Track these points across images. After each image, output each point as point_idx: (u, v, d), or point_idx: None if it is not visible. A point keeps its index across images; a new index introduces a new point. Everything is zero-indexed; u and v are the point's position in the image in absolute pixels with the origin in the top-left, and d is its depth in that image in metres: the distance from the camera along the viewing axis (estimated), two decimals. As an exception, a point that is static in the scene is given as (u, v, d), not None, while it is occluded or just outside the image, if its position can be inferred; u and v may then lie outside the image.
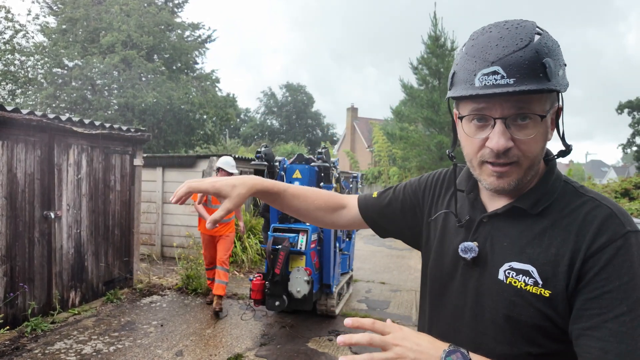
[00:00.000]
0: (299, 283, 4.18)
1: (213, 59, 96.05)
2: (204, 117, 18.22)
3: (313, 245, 4.46)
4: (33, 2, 17.36)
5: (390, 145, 17.42)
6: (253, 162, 6.62)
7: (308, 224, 4.49)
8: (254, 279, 4.36)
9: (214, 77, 19.44)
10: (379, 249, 9.92)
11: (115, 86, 16.53)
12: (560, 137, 0.84)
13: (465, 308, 0.87)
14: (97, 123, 4.99)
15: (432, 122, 12.55)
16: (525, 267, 0.79)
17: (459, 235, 0.91)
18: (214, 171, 6.84)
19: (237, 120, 36.52)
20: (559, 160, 0.88)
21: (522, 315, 0.78)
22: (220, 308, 4.75)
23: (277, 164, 4.94)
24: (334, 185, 5.20)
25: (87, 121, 4.86)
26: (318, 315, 4.84)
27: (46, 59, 15.76)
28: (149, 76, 16.84)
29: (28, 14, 22.79)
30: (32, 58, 15.75)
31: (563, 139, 0.84)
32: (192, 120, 17.46)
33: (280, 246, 4.24)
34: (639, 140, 24.54)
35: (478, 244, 0.86)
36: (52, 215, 4.48)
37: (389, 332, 0.72)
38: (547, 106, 0.78)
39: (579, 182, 0.87)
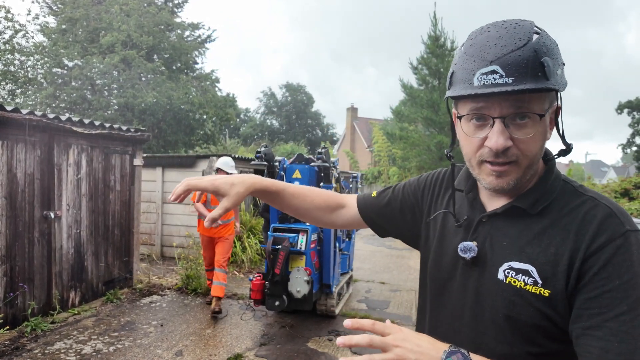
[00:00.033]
0: (299, 283, 4.18)
1: (213, 59, 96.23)
2: (204, 117, 18.23)
3: (313, 245, 4.46)
4: (33, 2, 17.40)
5: (390, 145, 17.42)
6: (253, 162, 6.62)
7: (308, 223, 4.54)
8: (254, 279, 4.36)
9: (213, 77, 19.45)
10: (379, 248, 9.92)
11: (115, 86, 16.54)
12: (560, 136, 0.84)
13: (465, 308, 0.87)
14: (97, 123, 4.99)
15: (432, 122, 12.55)
16: (524, 267, 0.79)
17: (459, 235, 0.91)
18: (213, 171, 6.84)
19: (237, 120, 36.50)
20: (558, 160, 0.88)
21: (522, 314, 0.78)
22: (219, 308, 4.73)
23: (277, 164, 4.94)
24: (334, 185, 5.19)
25: (87, 121, 4.86)
26: (318, 315, 4.84)
27: (46, 59, 15.77)
28: (149, 76, 16.84)
29: (28, 14, 22.88)
30: (32, 58, 15.75)
31: (563, 138, 0.84)
32: (191, 120, 17.47)
33: (280, 246, 4.24)
34: (638, 140, 24.55)
35: (477, 243, 0.86)
36: (52, 215, 4.48)
37: (389, 333, 0.71)
38: (545, 105, 0.78)
39: (579, 182, 0.87)
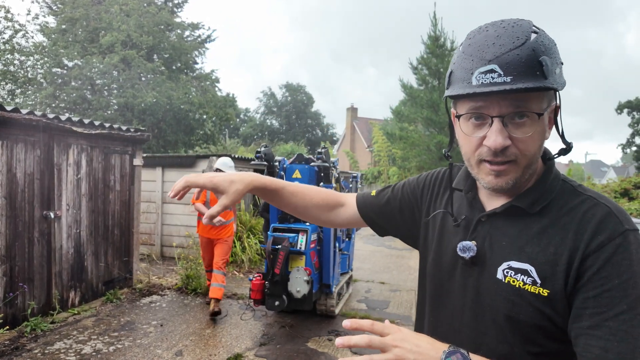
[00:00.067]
0: (299, 283, 4.18)
1: (213, 59, 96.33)
2: (204, 117, 18.22)
3: (313, 245, 4.46)
4: (33, 2, 17.41)
5: (390, 145, 17.42)
6: (253, 162, 6.63)
7: (308, 223, 4.55)
8: (254, 279, 4.36)
9: (213, 77, 19.45)
10: (379, 248, 9.91)
11: (114, 86, 16.54)
12: (559, 136, 0.84)
13: (465, 308, 0.87)
14: (96, 123, 4.99)
15: (432, 122, 12.56)
16: (523, 267, 0.79)
17: (458, 234, 0.91)
18: (213, 172, 6.83)
19: (237, 120, 36.52)
20: (558, 160, 0.88)
21: (521, 314, 0.77)
22: (218, 309, 4.67)
23: (276, 163, 4.94)
24: (334, 185, 5.20)
25: (86, 121, 4.86)
26: (318, 315, 4.84)
27: (46, 59, 15.77)
28: (149, 76, 16.84)
29: (28, 14, 22.85)
30: (31, 58, 15.75)
31: (563, 137, 0.84)
32: (191, 120, 17.47)
33: (280, 246, 4.24)
34: (638, 140, 24.57)
35: (476, 243, 0.86)
36: (52, 215, 4.48)
37: (388, 333, 0.71)
38: (544, 104, 0.78)
39: (578, 182, 0.86)
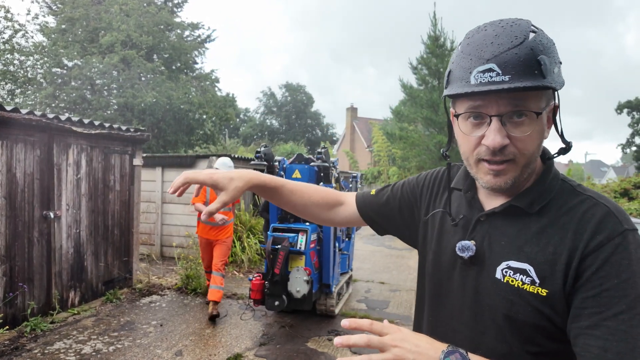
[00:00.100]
0: (299, 283, 4.18)
1: (212, 59, 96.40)
2: (204, 117, 18.23)
3: (312, 245, 4.46)
4: (32, 1, 17.40)
5: (390, 145, 17.42)
6: (252, 162, 6.62)
7: (307, 223, 4.55)
8: (254, 279, 4.36)
9: (213, 77, 19.46)
10: (379, 248, 9.91)
11: (114, 86, 16.54)
12: (559, 135, 0.84)
13: (464, 308, 0.87)
14: (96, 123, 4.99)
15: (432, 122, 12.56)
16: (522, 266, 0.78)
17: (457, 234, 0.91)
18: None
19: (237, 120, 36.50)
20: (558, 160, 0.88)
21: (520, 314, 0.77)
22: (217, 312, 4.61)
23: (276, 163, 4.94)
24: (334, 185, 5.20)
25: (86, 121, 4.86)
26: (317, 315, 4.84)
27: (45, 59, 15.77)
28: (149, 76, 16.84)
29: (27, 14, 22.83)
30: (31, 58, 15.76)
31: (562, 136, 0.84)
32: (191, 120, 17.47)
33: (279, 246, 4.24)
34: (638, 140, 24.58)
35: (475, 242, 0.86)
36: (52, 215, 4.48)
37: (387, 333, 0.71)
38: (542, 104, 0.78)
39: (577, 182, 0.86)
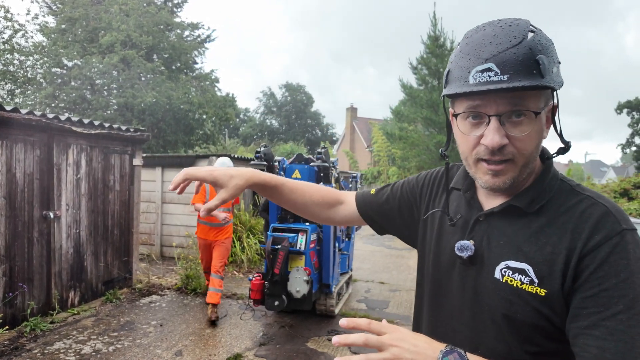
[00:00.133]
0: (298, 283, 4.18)
1: (212, 59, 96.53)
2: (203, 117, 18.22)
3: (312, 245, 4.46)
4: (32, 1, 17.37)
5: (390, 145, 17.43)
6: (252, 162, 6.61)
7: (307, 223, 4.55)
8: (253, 279, 4.36)
9: (213, 77, 19.44)
10: (378, 248, 9.91)
11: (114, 86, 16.53)
12: (558, 135, 0.85)
13: (463, 307, 0.87)
14: (96, 123, 4.99)
15: (432, 122, 12.57)
16: (521, 266, 0.78)
17: (456, 234, 0.91)
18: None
19: (237, 120, 36.51)
20: (558, 159, 0.88)
21: (519, 314, 0.77)
22: (215, 317, 4.58)
23: (276, 163, 4.94)
24: (334, 185, 5.20)
25: (86, 121, 4.86)
26: (317, 315, 4.84)
27: (45, 59, 15.77)
28: (148, 76, 16.83)
29: (27, 14, 22.72)
30: (31, 58, 15.75)
31: (561, 136, 0.85)
32: (191, 120, 17.46)
33: (279, 246, 4.24)
34: (638, 140, 24.58)
35: (474, 242, 0.86)
36: (52, 215, 4.48)
37: (386, 332, 0.71)
38: (541, 103, 0.78)
39: (577, 182, 0.86)
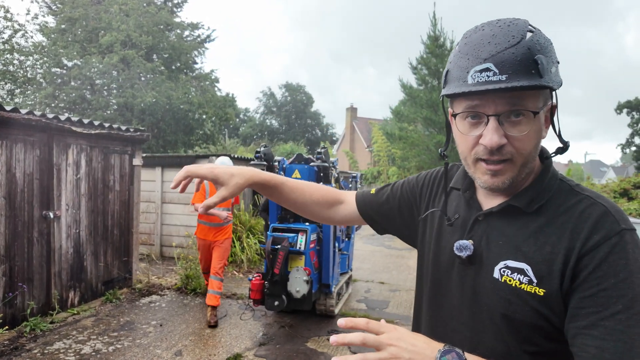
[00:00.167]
0: (298, 283, 4.18)
1: (212, 59, 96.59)
2: (203, 117, 18.21)
3: (312, 245, 4.46)
4: (32, 1, 17.35)
5: (390, 145, 17.43)
6: (252, 162, 6.60)
7: (307, 223, 4.55)
8: (253, 279, 4.36)
9: (213, 77, 19.44)
10: (378, 248, 9.91)
11: (114, 86, 16.53)
12: (556, 135, 0.85)
13: (462, 307, 0.87)
14: (96, 123, 4.99)
15: (432, 122, 12.58)
16: (520, 266, 0.78)
17: (455, 233, 0.91)
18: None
19: (237, 120, 36.50)
20: (558, 159, 0.89)
21: (517, 313, 0.77)
22: (215, 322, 4.52)
23: (276, 163, 4.95)
24: (334, 185, 5.20)
25: (86, 121, 4.86)
26: (317, 315, 4.84)
27: (45, 59, 15.76)
28: (148, 76, 16.83)
29: (27, 14, 22.69)
30: (31, 58, 15.75)
31: (560, 136, 0.85)
32: (191, 120, 17.45)
33: (279, 246, 4.24)
34: (637, 140, 24.59)
35: (473, 242, 0.86)
36: (51, 215, 4.48)
37: (384, 332, 0.71)
38: (540, 103, 0.78)
39: (576, 182, 0.87)
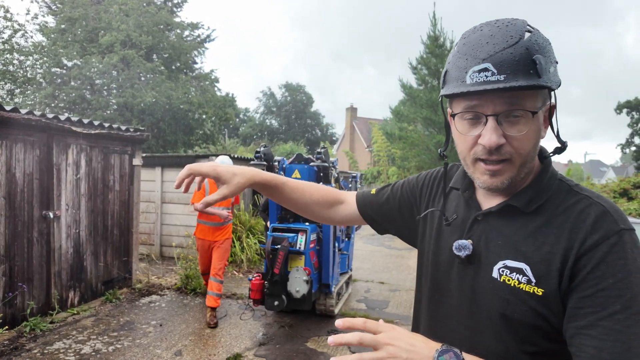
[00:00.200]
0: (298, 283, 4.19)
1: (212, 59, 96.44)
2: (203, 116, 18.21)
3: (312, 245, 4.47)
4: (32, 1, 17.36)
5: (390, 145, 17.44)
6: (252, 162, 6.61)
7: (307, 223, 4.55)
8: (253, 279, 4.36)
9: (213, 77, 19.44)
10: (378, 248, 9.91)
11: (114, 86, 16.52)
12: (555, 135, 0.85)
13: (461, 307, 0.87)
14: (96, 123, 4.99)
15: (431, 122, 12.58)
16: (519, 265, 0.79)
17: (455, 233, 0.91)
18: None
19: (236, 120, 36.50)
20: (557, 159, 0.89)
21: (516, 313, 0.78)
22: (214, 323, 4.51)
23: (276, 163, 4.95)
24: (333, 185, 5.20)
25: (86, 121, 4.86)
26: (317, 315, 4.84)
27: (45, 59, 15.75)
28: (148, 76, 16.83)
29: (27, 14, 22.68)
30: (30, 58, 15.74)
31: (558, 136, 0.85)
32: (191, 120, 17.46)
33: (279, 246, 4.24)
34: (637, 140, 24.59)
35: (472, 242, 0.86)
36: (51, 215, 4.48)
37: (381, 331, 0.71)
38: (538, 103, 0.78)
39: (576, 182, 0.87)
